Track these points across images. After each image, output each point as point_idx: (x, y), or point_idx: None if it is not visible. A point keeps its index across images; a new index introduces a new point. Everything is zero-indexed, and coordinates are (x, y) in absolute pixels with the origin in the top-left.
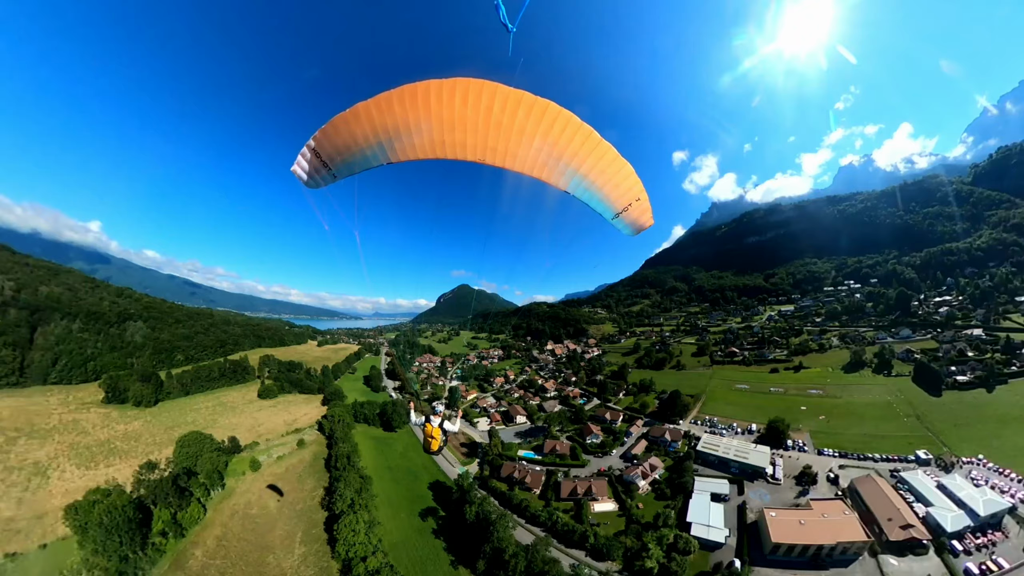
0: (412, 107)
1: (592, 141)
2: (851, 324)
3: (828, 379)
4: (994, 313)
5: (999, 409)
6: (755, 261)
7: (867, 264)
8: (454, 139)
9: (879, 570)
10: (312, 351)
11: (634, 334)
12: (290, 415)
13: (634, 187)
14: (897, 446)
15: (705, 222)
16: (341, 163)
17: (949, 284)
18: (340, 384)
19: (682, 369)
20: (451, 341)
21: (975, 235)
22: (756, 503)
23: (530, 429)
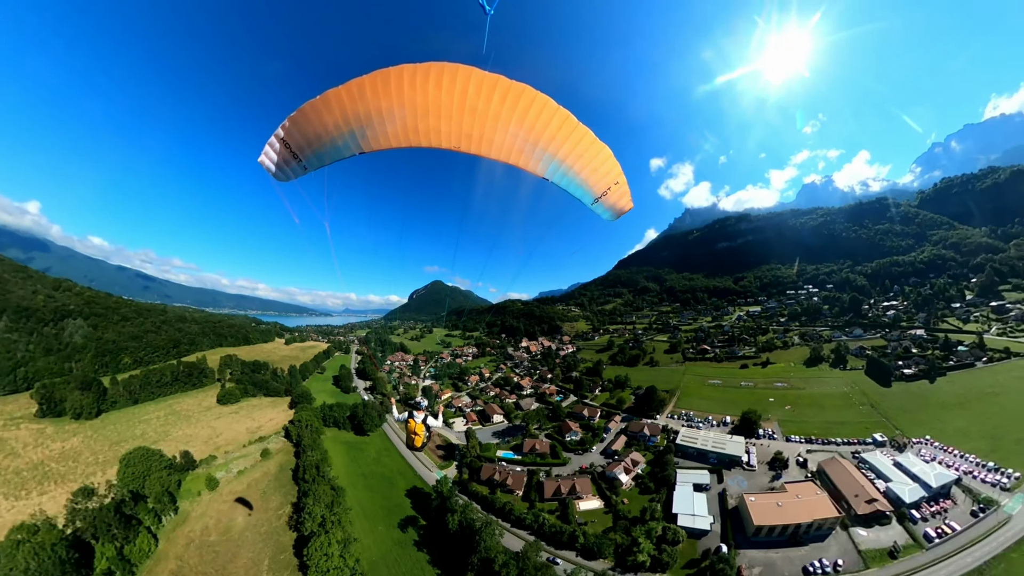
0: (384, 93)
1: (569, 125)
2: (810, 324)
3: (792, 373)
4: (934, 317)
5: (940, 397)
6: (725, 265)
7: (824, 271)
8: (428, 126)
9: (851, 541)
10: (280, 349)
11: (607, 332)
12: (253, 421)
13: (612, 171)
14: (856, 431)
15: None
16: (311, 154)
17: (895, 291)
18: (309, 385)
19: (655, 366)
20: (424, 338)
21: (919, 250)
22: (735, 489)
23: (508, 428)
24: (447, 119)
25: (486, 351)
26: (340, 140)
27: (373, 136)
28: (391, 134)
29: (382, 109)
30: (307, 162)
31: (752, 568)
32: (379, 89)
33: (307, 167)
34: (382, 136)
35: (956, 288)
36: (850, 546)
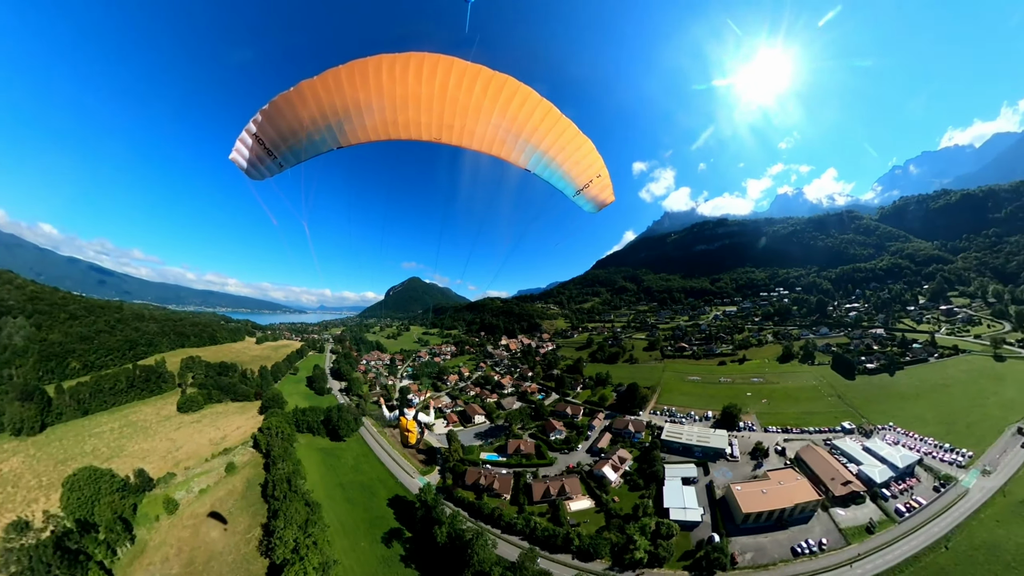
0: (363, 84)
1: (552, 117)
2: (782, 324)
3: (767, 369)
4: (891, 318)
5: (899, 389)
6: (702, 267)
7: (794, 275)
8: (408, 118)
9: (832, 521)
10: (250, 349)
11: (586, 329)
12: (218, 431)
13: (595, 163)
14: (827, 420)
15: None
16: (287, 150)
17: (857, 294)
18: (281, 387)
19: (635, 363)
20: (401, 337)
21: (878, 259)
22: (721, 480)
23: (490, 429)
24: (427, 110)
25: (465, 349)
26: (316, 135)
27: (351, 130)
28: (370, 127)
29: (360, 101)
30: (282, 159)
31: (744, 554)
32: (356, 80)
33: (283, 164)
34: (360, 129)
35: (910, 293)
36: (831, 525)
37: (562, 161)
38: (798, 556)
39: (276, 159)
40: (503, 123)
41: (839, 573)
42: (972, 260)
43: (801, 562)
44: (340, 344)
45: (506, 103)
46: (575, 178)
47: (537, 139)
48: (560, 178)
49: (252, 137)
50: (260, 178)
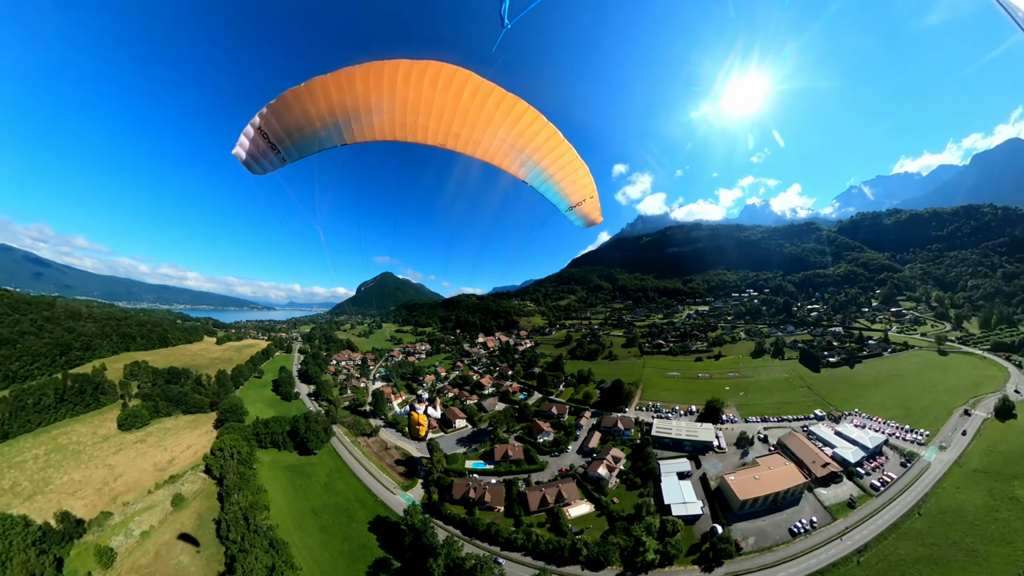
0: (376, 86)
1: (555, 140)
2: (753, 322)
3: (741, 364)
4: (848, 318)
5: (860, 379)
6: (675, 268)
7: (762, 278)
8: (416, 122)
9: (817, 500)
10: (209, 351)
11: (564, 326)
12: (165, 452)
13: (588, 185)
14: (800, 409)
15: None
16: (291, 145)
17: (817, 297)
18: (242, 394)
19: (615, 359)
20: (373, 335)
21: (836, 266)
22: (712, 471)
23: (473, 433)
24: (437, 117)
25: (440, 348)
26: (323, 131)
27: (359, 129)
28: (377, 128)
29: (371, 102)
30: (286, 153)
31: (747, 539)
32: (371, 81)
33: (286, 159)
34: (368, 129)
35: (864, 297)
36: (817, 504)
37: (559, 179)
38: (796, 536)
39: (279, 153)
40: (508, 138)
41: (832, 546)
42: (918, 270)
43: (800, 540)
44: (309, 343)
45: (515, 121)
46: (569, 195)
47: (539, 157)
48: (555, 194)
49: (256, 131)
50: (261, 172)
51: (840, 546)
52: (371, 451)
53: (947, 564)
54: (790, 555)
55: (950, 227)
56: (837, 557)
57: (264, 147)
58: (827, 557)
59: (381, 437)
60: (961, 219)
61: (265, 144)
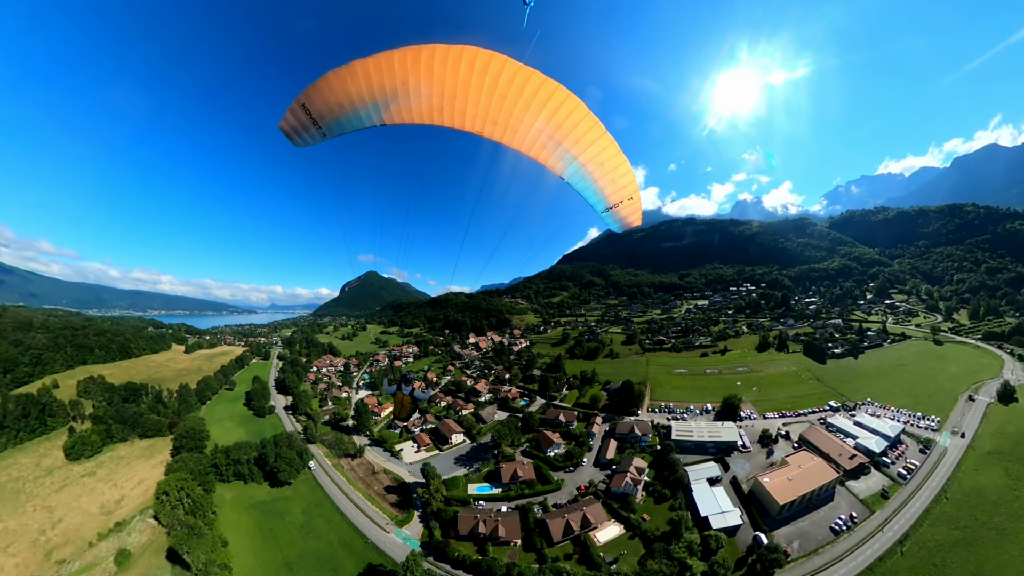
0: (414, 69)
1: (596, 131)
2: (753, 316)
3: (749, 358)
4: (845, 311)
5: (865, 369)
6: (670, 263)
7: (759, 272)
8: (454, 107)
9: (851, 494)
10: (176, 361)
11: (559, 324)
12: (115, 489)
13: (629, 185)
14: (814, 401)
15: None
16: (332, 121)
17: (813, 291)
18: (210, 409)
19: (616, 358)
20: (357, 337)
21: (830, 261)
22: (742, 473)
23: (473, 450)
24: (475, 103)
25: (429, 350)
26: (363, 111)
27: (396, 110)
28: (415, 110)
29: (409, 85)
30: (327, 129)
31: (791, 544)
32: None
33: (326, 134)
34: (406, 111)
35: (859, 290)
36: (852, 498)
37: (598, 177)
38: (839, 534)
39: (320, 129)
40: (547, 129)
41: (876, 539)
42: (906, 265)
43: (844, 538)
44: (289, 348)
45: (553, 110)
46: (608, 195)
47: (578, 151)
48: (593, 193)
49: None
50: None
51: (883, 539)
52: (356, 476)
53: (981, 544)
54: (837, 555)
55: (935, 224)
56: (882, 550)
57: (306, 122)
58: (873, 552)
59: (367, 458)
60: (946, 217)
61: (307, 119)
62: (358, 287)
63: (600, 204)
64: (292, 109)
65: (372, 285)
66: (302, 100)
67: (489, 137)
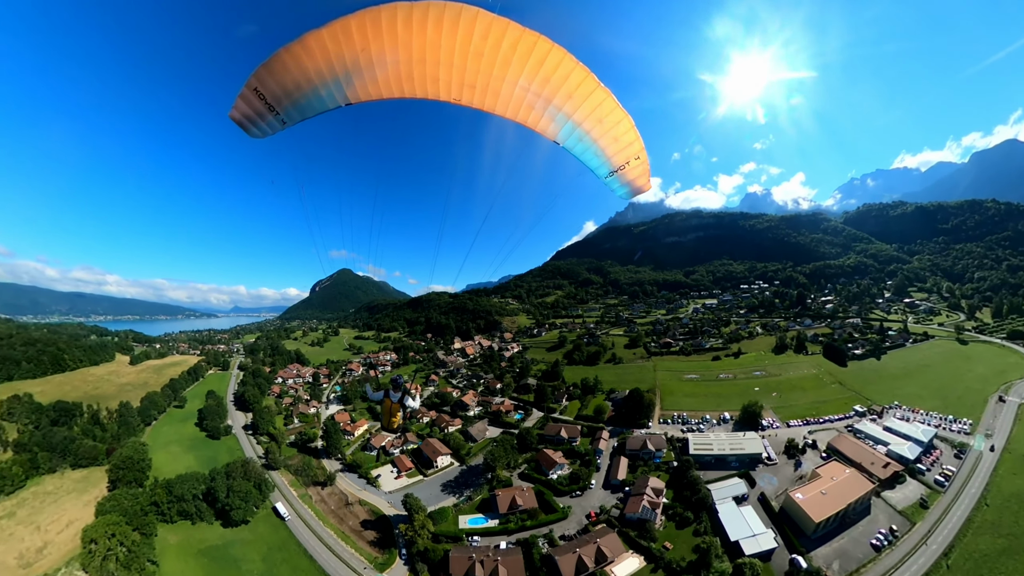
0: (375, 35)
1: (588, 84)
2: (767, 315)
3: (765, 361)
4: (864, 309)
5: (889, 371)
6: (674, 259)
7: (771, 269)
8: (425, 73)
9: (888, 506)
10: (120, 374)
11: (554, 326)
12: (39, 535)
13: (634, 143)
14: (839, 407)
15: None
16: (290, 105)
17: (829, 289)
18: (154, 433)
19: (619, 363)
20: (329, 342)
21: (846, 257)
22: (770, 489)
23: (463, 474)
24: (447, 66)
25: (409, 357)
26: (323, 90)
27: (361, 85)
28: (382, 82)
29: (372, 54)
30: (285, 115)
31: (831, 565)
32: (368, 31)
33: (285, 121)
34: (371, 84)
35: (877, 288)
36: (889, 510)
37: (597, 136)
38: (880, 550)
39: (278, 115)
40: (533, 86)
41: (920, 553)
42: (926, 261)
43: (887, 554)
44: (252, 356)
45: (538, 64)
46: (610, 157)
47: (571, 108)
48: (593, 155)
49: (252, 93)
50: (261, 136)
51: (927, 552)
52: (327, 509)
53: None
54: (881, 574)
55: (955, 220)
56: (928, 565)
57: (261, 108)
58: (919, 568)
59: (339, 487)
60: (965, 213)
61: (262, 105)
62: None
63: (603, 168)
64: (243, 95)
65: (346, 284)
66: (253, 84)
67: (468, 104)
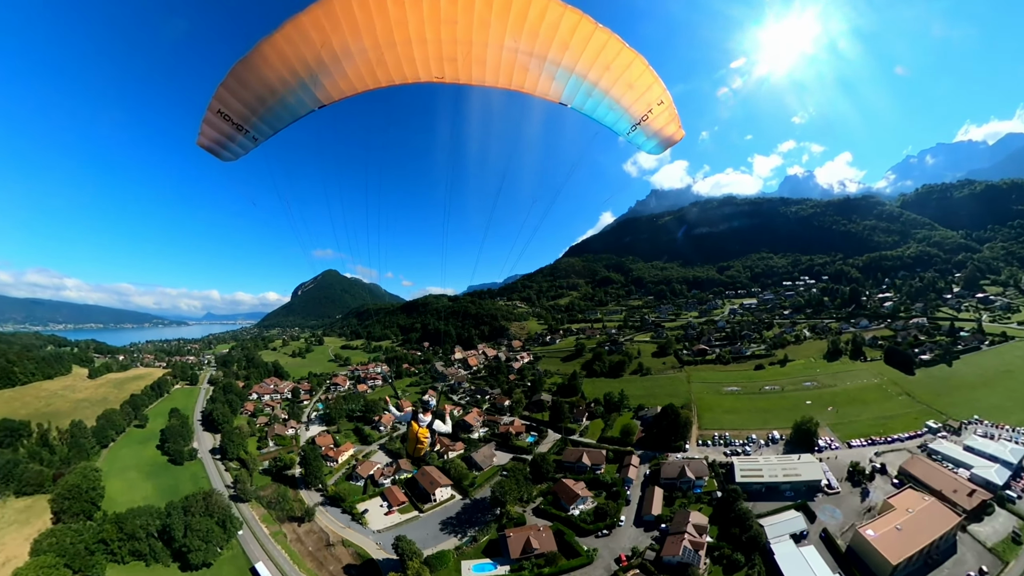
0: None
1: (586, 27)
2: (815, 316)
3: (817, 369)
4: (929, 307)
5: (963, 379)
6: (705, 253)
7: (818, 263)
8: (398, 56)
9: (976, 541)
10: (76, 388)
11: (570, 332)
12: None
13: (653, 86)
14: (909, 423)
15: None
16: (258, 121)
17: (887, 284)
18: (111, 455)
19: (647, 374)
20: (312, 352)
21: (905, 247)
22: (833, 524)
23: (466, 509)
24: (421, 43)
25: (403, 369)
26: (291, 97)
27: (331, 84)
28: (353, 76)
29: (334, 48)
30: (255, 132)
31: None
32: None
33: (256, 138)
34: (342, 80)
35: (943, 282)
36: (977, 547)
37: (607, 86)
38: None
39: (248, 133)
40: (521, 45)
41: None
42: (999, 250)
43: None
44: (224, 369)
45: (521, 16)
46: (627, 108)
47: (570, 60)
48: (607, 110)
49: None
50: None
51: None
52: (304, 551)
53: None
54: None
55: None
56: None
57: (229, 130)
58: None
59: (319, 523)
60: None
61: (229, 127)
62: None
63: (622, 123)
64: (207, 119)
65: (332, 287)
66: (216, 106)
67: (453, 80)
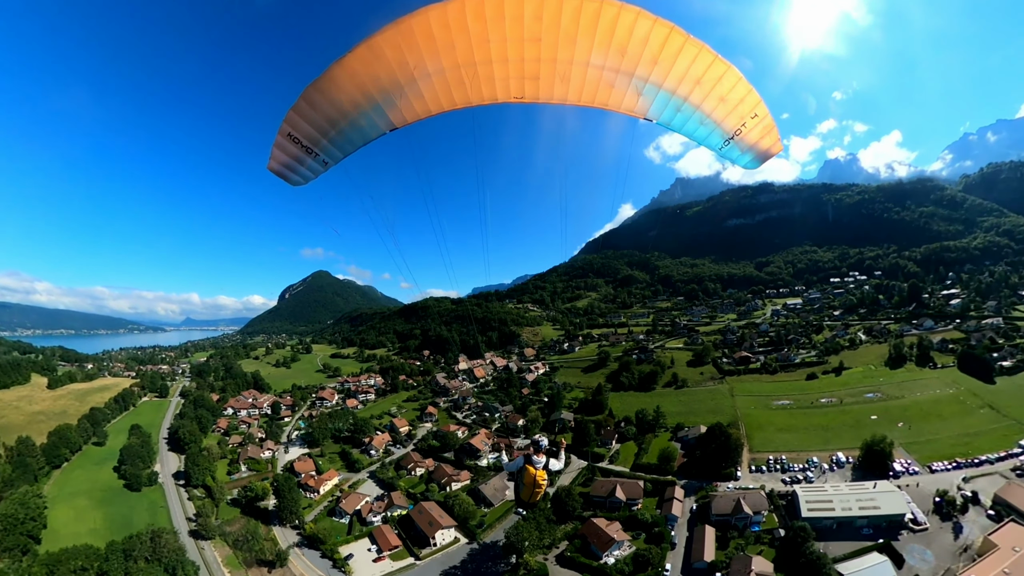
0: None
1: (676, 40)
2: (871, 316)
3: (880, 378)
4: (1003, 304)
5: None
6: (740, 247)
7: (868, 256)
8: (476, 76)
9: None
10: (34, 400)
11: (591, 338)
12: None
13: (747, 97)
14: (995, 441)
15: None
16: (328, 144)
17: (951, 279)
18: (63, 477)
19: (682, 386)
20: (297, 362)
21: (970, 236)
22: (925, 569)
23: (473, 556)
24: (501, 63)
25: (400, 381)
26: (363, 120)
27: (406, 106)
28: (429, 98)
29: (411, 69)
30: (326, 155)
31: None
32: (401, 45)
33: (327, 162)
34: (418, 102)
35: (1017, 276)
36: None
37: (698, 101)
38: None
39: (319, 157)
40: (608, 61)
41: None
42: None
43: None
44: (200, 379)
45: (608, 31)
46: (720, 122)
47: (659, 76)
48: (698, 124)
49: (287, 139)
50: (303, 182)
51: None
52: None
53: None
54: None
55: None
56: None
57: (299, 153)
58: None
59: (293, 571)
60: None
61: (299, 150)
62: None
63: (714, 137)
64: (278, 143)
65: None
66: (286, 129)
67: (533, 100)
